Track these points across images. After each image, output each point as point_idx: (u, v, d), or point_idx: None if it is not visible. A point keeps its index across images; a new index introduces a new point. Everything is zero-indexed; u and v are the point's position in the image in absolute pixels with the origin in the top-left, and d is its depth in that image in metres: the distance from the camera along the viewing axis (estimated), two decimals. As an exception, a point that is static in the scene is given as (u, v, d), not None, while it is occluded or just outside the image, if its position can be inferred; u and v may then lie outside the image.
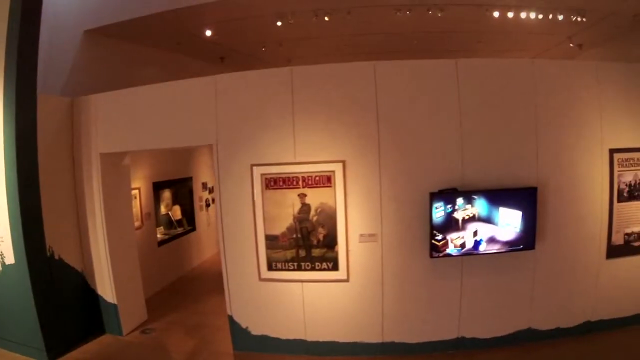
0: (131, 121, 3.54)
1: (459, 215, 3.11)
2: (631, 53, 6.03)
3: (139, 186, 4.58)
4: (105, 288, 3.77)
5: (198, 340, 3.65)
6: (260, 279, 3.36)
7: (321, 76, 3.25)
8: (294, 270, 3.31)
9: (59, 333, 3.47)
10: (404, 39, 6.57)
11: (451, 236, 3.13)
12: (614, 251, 3.62)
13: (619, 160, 3.57)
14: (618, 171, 3.58)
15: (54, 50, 4.20)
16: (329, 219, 3.23)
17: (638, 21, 5.49)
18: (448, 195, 3.09)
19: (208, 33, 5.43)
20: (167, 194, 5.15)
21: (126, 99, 3.59)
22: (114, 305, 3.78)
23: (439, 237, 3.12)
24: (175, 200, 5.33)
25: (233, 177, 3.32)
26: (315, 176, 3.22)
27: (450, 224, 3.11)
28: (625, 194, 3.61)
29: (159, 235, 5.05)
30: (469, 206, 3.11)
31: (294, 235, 3.27)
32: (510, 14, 5.49)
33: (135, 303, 4.00)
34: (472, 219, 3.12)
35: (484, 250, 3.16)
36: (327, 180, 3.21)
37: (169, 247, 5.08)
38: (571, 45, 6.50)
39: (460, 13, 5.49)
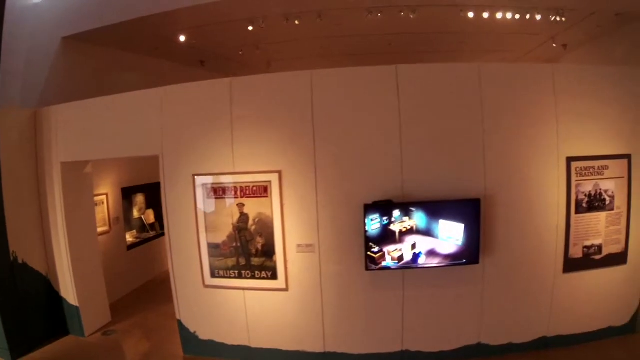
0: (87, 132, 3.70)
1: (395, 227, 3.04)
2: (615, 52, 5.69)
3: (107, 192, 4.76)
4: (68, 291, 3.97)
5: (154, 343, 3.79)
6: (205, 286, 3.44)
7: (259, 86, 3.26)
8: (235, 278, 3.36)
9: (22, 334, 3.69)
10: (383, 40, 6.44)
11: (388, 248, 3.07)
12: (571, 265, 3.44)
13: (577, 169, 3.38)
14: (576, 181, 3.39)
15: (32, 58, 4.41)
16: (266, 228, 3.26)
17: (620, 20, 5.16)
18: (383, 207, 3.04)
19: (182, 38, 5.55)
20: (140, 198, 5.33)
21: (82, 111, 3.74)
22: (77, 308, 3.96)
23: (376, 249, 3.07)
24: (148, 205, 5.51)
25: (177, 186, 3.40)
26: (253, 186, 3.25)
27: (387, 236, 3.05)
28: (584, 205, 3.42)
29: (130, 239, 5.23)
30: (406, 218, 3.04)
31: (234, 244, 3.32)
32: (485, 15, 5.27)
33: (98, 305, 4.18)
34: (410, 231, 3.05)
35: (424, 264, 3.09)
36: (264, 191, 3.23)
37: (139, 250, 5.25)
38: (554, 45, 6.18)
39: (433, 14, 5.31)
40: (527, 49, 6.88)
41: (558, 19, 5.17)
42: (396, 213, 3.02)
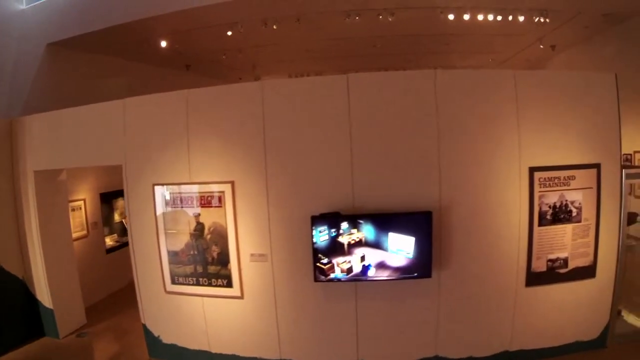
0: (55, 141, 3.84)
1: (344, 239, 3.02)
2: (603, 53, 5.42)
3: (84, 197, 4.91)
4: (43, 294, 4.14)
5: (122, 345, 3.93)
6: (166, 292, 3.53)
7: (213, 98, 3.29)
8: (193, 285, 3.43)
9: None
10: (368, 43, 6.34)
11: (337, 260, 3.06)
12: (534, 278, 3.33)
13: (541, 180, 3.25)
14: (540, 192, 3.26)
15: (17, 65, 4.57)
16: (221, 237, 3.30)
17: (608, 21, 4.90)
18: (331, 218, 3.02)
19: (163, 44, 5.64)
20: (121, 203, 5.47)
21: (52, 121, 3.87)
22: (51, 310, 4.14)
23: (325, 260, 3.06)
24: (131, 208, 5.63)
25: (139, 195, 3.49)
26: (208, 196, 3.29)
27: (336, 248, 3.03)
28: (548, 217, 3.29)
29: (111, 243, 5.38)
30: (354, 230, 3.01)
31: (192, 252, 3.39)
32: (466, 16, 5.10)
33: (73, 308, 4.34)
34: (359, 243, 3.03)
35: (374, 276, 3.06)
36: (218, 201, 3.27)
37: (119, 254, 5.37)
38: (541, 46, 5.94)
39: (412, 17, 5.20)
40: (514, 50, 6.64)
41: (542, 19, 4.96)
42: (344, 225, 3.00)
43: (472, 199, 3.18)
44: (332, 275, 3.07)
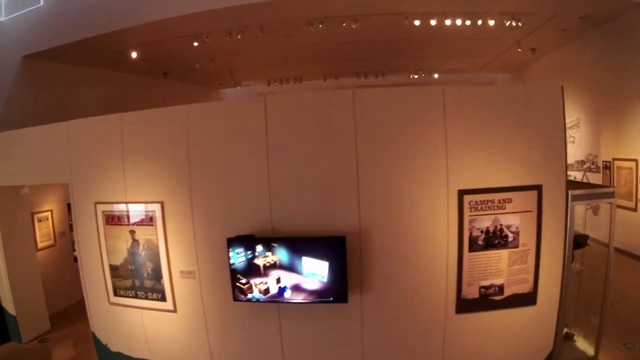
0: (8, 159, 4.11)
1: (259, 261, 3.06)
2: (583, 56, 4.95)
3: (51, 208, 5.21)
4: (7, 302, 4.52)
5: (78, 351, 4.26)
6: (110, 303, 3.74)
7: (145, 121, 3.43)
8: (133, 297, 3.62)
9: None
10: (340, 49, 6.22)
11: (255, 281, 3.10)
12: (466, 305, 3.18)
13: (471, 204, 3.09)
14: (470, 216, 3.10)
15: None
16: (154, 254, 3.45)
17: (586, 23, 4.48)
18: (246, 241, 3.06)
19: (136, 54, 5.88)
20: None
21: (4, 140, 4.16)
22: (15, 317, 4.51)
23: (243, 280, 3.12)
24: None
25: (84, 212, 3.70)
26: (141, 215, 3.45)
27: (252, 270, 3.08)
28: (480, 242, 3.12)
29: (78, 252, 5.71)
30: (269, 253, 3.03)
31: (130, 267, 3.57)
32: (433, 22, 4.86)
33: (37, 315, 4.68)
34: (274, 266, 3.05)
35: (290, 298, 3.07)
36: (150, 219, 3.42)
37: (88, 262, 5.69)
38: (519, 50, 5.54)
39: (377, 23, 5.05)
40: (493, 54, 6.28)
41: (514, 23, 4.63)
42: (259, 248, 3.03)
43: (396, 223, 3.08)
44: (250, 296, 3.13)
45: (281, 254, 3.03)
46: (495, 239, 3.14)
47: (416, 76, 8.97)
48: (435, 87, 3.01)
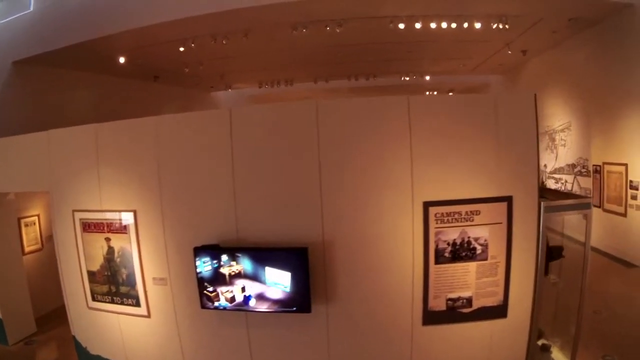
0: None
1: (225, 270, 3.09)
2: (573, 58, 4.77)
3: (38, 213, 5.34)
4: None
5: (60, 354, 4.40)
6: (89, 308, 3.85)
7: (118, 131, 3.50)
8: (109, 302, 3.71)
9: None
10: (329, 52, 6.18)
11: (221, 289, 3.14)
12: (433, 317, 3.15)
13: (437, 215, 3.04)
14: (436, 228, 3.05)
15: None
16: (128, 261, 3.53)
17: (575, 25, 4.32)
18: (212, 250, 3.09)
19: (125, 59, 5.97)
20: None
21: None
22: (0, 320, 4.67)
23: (211, 289, 3.16)
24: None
25: (63, 219, 3.80)
26: (115, 223, 3.53)
27: (218, 278, 3.12)
28: (446, 254, 3.07)
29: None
30: (233, 263, 3.07)
31: (106, 273, 3.66)
32: (418, 25, 4.78)
33: (22, 317, 4.82)
34: (239, 275, 3.08)
35: (255, 307, 3.10)
36: (123, 227, 3.49)
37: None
38: (509, 52, 5.39)
39: (361, 27, 4.99)
40: (484, 56, 6.13)
41: (501, 26, 4.51)
42: (224, 257, 3.07)
43: (360, 235, 3.07)
44: (217, 304, 3.18)
45: (245, 264, 3.06)
46: (462, 252, 3.09)
47: (407, 78, 8.92)
48: (400, 97, 2.97)
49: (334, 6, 4.65)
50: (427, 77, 8.83)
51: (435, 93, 12.83)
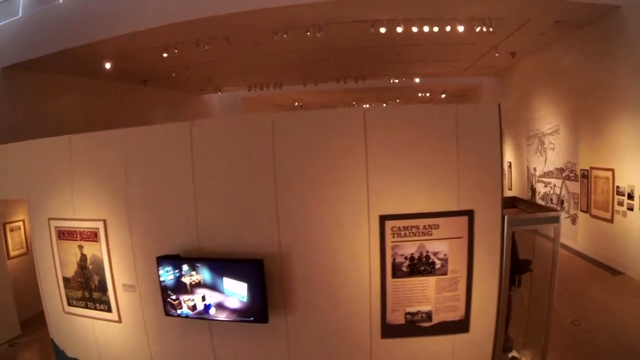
0: None
1: (186, 280, 3.15)
2: (561, 60, 4.57)
3: (23, 218, 5.46)
4: None
5: (42, 355, 4.54)
6: (65, 312, 3.99)
7: (89, 142, 3.60)
8: (83, 307, 3.83)
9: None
10: (314, 56, 6.14)
11: (183, 298, 3.20)
12: (392, 331, 3.13)
13: (394, 229, 3.01)
14: (393, 242, 3.02)
15: None
16: (99, 268, 3.63)
17: (562, 28, 4.15)
18: (173, 260, 3.15)
19: (112, 65, 6.08)
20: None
21: None
22: None
23: (174, 297, 3.23)
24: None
25: (40, 227, 3.93)
26: (87, 231, 3.63)
27: (180, 287, 3.18)
28: (404, 269, 3.04)
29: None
30: (194, 272, 3.12)
31: (80, 279, 3.78)
32: (399, 29, 4.69)
33: (6, 320, 4.96)
34: (199, 284, 3.13)
35: (215, 316, 3.15)
36: (94, 236, 3.60)
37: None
38: (497, 54, 5.23)
39: (344, 31, 4.93)
40: (472, 58, 5.96)
41: (485, 29, 4.38)
42: (185, 267, 3.13)
43: (317, 247, 3.08)
44: (179, 311, 3.24)
45: (204, 274, 3.11)
46: (420, 266, 3.05)
47: (397, 80, 8.78)
48: (356, 109, 3.02)
49: (312, 11, 4.62)
50: (417, 80, 8.69)
51: (427, 94, 12.70)
